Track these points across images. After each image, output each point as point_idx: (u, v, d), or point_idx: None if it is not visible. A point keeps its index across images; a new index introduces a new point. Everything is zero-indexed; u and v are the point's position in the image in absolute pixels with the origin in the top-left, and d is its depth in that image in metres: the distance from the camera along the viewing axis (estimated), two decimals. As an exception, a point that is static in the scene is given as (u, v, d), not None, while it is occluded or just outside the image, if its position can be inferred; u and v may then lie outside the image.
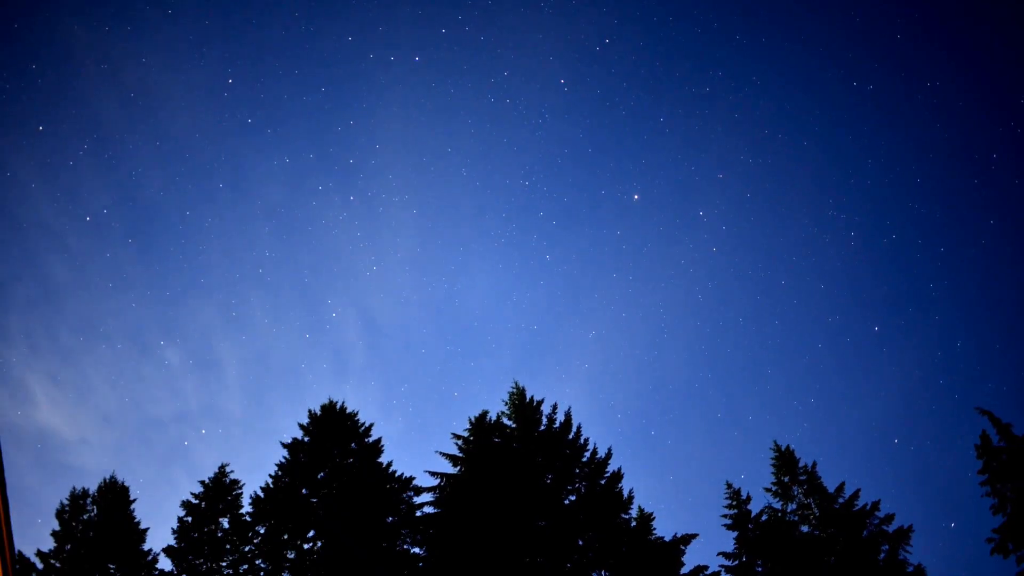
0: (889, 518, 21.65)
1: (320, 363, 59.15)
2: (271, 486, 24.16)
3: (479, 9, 49.21)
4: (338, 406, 26.04)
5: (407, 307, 61.53)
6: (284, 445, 25.12)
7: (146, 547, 25.34)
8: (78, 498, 25.87)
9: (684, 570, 20.55)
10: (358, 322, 61.22)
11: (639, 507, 22.71)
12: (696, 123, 54.84)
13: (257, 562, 23.43)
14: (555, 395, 65.28)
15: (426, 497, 23.13)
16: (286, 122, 53.36)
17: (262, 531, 23.82)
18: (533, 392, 24.45)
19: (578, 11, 50.65)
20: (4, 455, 11.32)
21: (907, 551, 21.20)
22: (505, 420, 23.83)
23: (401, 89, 52.81)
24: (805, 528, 22.23)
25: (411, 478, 24.29)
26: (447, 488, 22.33)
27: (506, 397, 24.39)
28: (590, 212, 59.81)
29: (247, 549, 23.83)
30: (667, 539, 20.94)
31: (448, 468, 22.88)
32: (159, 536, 64.91)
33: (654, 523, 22.22)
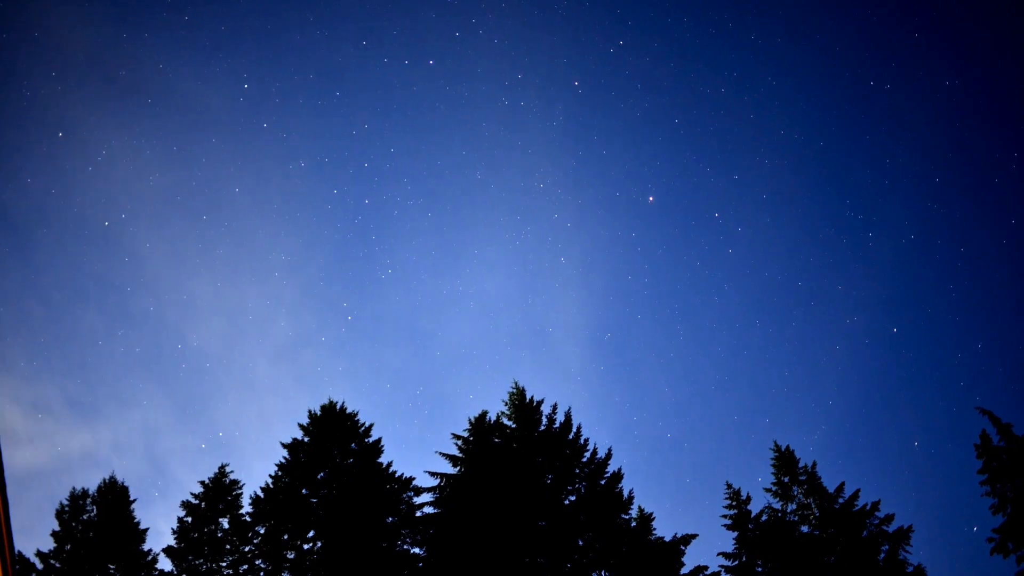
0: (889, 518, 21.62)
1: (336, 366, 59.26)
2: (271, 486, 24.15)
3: (493, 13, 49.26)
4: (338, 406, 26.02)
5: (422, 310, 61.50)
6: (284, 445, 25.11)
7: (146, 547, 25.36)
8: (78, 498, 25.85)
9: (684, 570, 20.56)
10: (373, 325, 61.27)
11: (639, 507, 22.75)
12: (711, 124, 54.72)
13: (257, 562, 23.42)
14: (571, 397, 65.11)
15: (426, 497, 23.15)
16: (301, 126, 53.56)
17: (262, 531, 23.81)
18: (538, 393, 24.39)
19: (592, 13, 50.72)
20: (3, 455, 11.31)
21: (907, 551, 21.19)
22: (505, 420, 23.83)
23: (415, 93, 52.95)
24: (805, 528, 22.23)
25: (411, 478, 24.28)
26: (447, 488, 22.33)
27: (506, 397, 24.40)
28: (605, 214, 59.67)
29: (247, 549, 23.82)
30: (667, 539, 20.95)
31: (448, 468, 22.89)
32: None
33: (655, 523, 22.25)
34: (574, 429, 23.03)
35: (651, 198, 56.52)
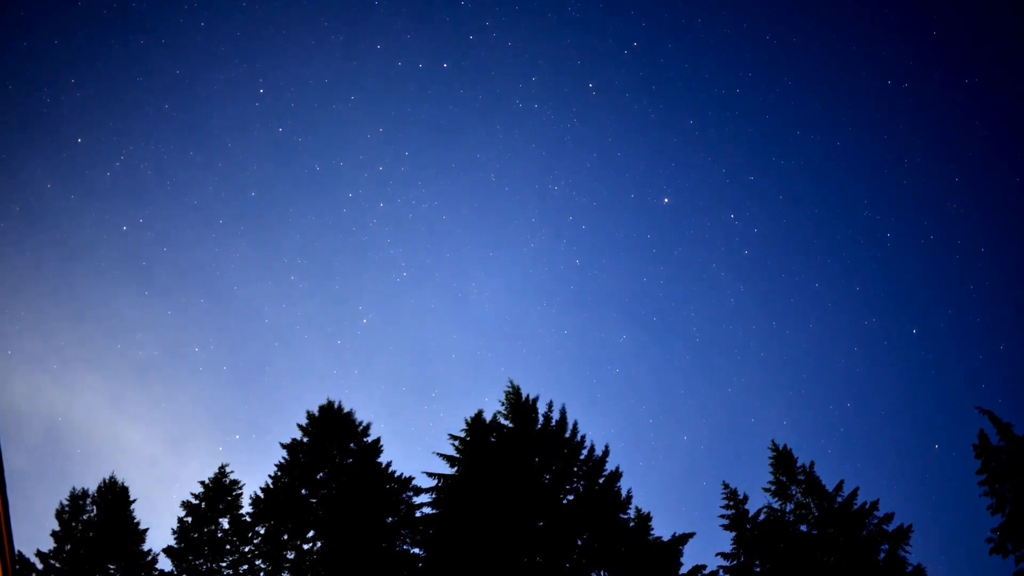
0: (888, 517, 21.58)
1: (352, 368, 59.33)
2: (271, 486, 24.20)
3: (506, 15, 49.41)
4: (336, 406, 26.07)
5: (437, 312, 61.48)
6: (283, 446, 25.17)
7: (146, 547, 25.42)
8: (78, 498, 25.92)
9: (683, 570, 20.56)
10: (388, 328, 61.34)
11: (637, 507, 22.69)
12: (726, 125, 54.50)
13: (257, 562, 23.47)
14: (585, 401, 64.79)
15: (425, 498, 23.18)
16: (316, 130, 53.91)
17: (262, 531, 23.86)
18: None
19: (605, 15, 50.79)
20: (4, 456, 11.37)
21: (907, 551, 21.17)
22: (502, 420, 23.80)
23: (430, 96, 53.14)
24: (804, 528, 22.21)
25: (410, 478, 24.32)
26: (445, 489, 22.35)
27: (502, 396, 24.39)
28: (620, 216, 59.51)
29: (247, 549, 23.87)
30: (666, 539, 20.95)
31: (446, 469, 22.90)
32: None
33: (657, 523, 22.28)
34: (570, 427, 23.01)
35: (666, 200, 56.39)
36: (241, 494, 25.41)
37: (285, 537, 23.26)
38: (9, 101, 44.38)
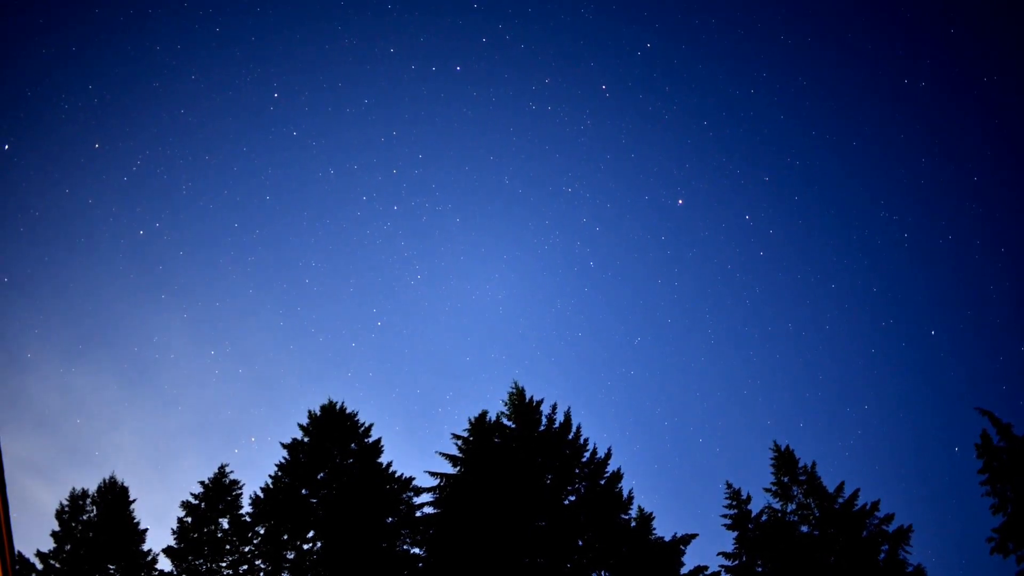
0: (889, 518, 21.61)
1: (366, 371, 59.37)
2: (271, 486, 24.16)
3: (519, 18, 49.57)
4: (338, 406, 26.02)
5: (451, 315, 61.49)
6: (284, 446, 25.12)
7: (146, 547, 25.39)
8: (78, 498, 25.87)
9: (684, 570, 20.56)
10: (403, 330, 61.37)
11: (639, 507, 22.70)
12: (741, 125, 54.23)
13: (257, 562, 23.44)
14: (599, 403, 64.66)
15: (426, 497, 23.16)
16: (330, 134, 54.12)
17: (262, 531, 23.82)
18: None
19: (619, 16, 50.76)
20: (4, 456, 11.32)
21: (907, 551, 21.19)
22: (505, 420, 23.80)
23: (443, 99, 53.20)
24: (805, 528, 22.22)
25: (411, 478, 24.30)
26: (447, 488, 22.33)
27: (506, 397, 24.36)
28: (634, 217, 59.34)
29: (247, 549, 23.83)
30: (667, 539, 20.96)
31: (448, 468, 22.89)
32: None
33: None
34: (573, 429, 23.02)
35: (680, 201, 56.14)
36: (241, 494, 25.38)
37: (285, 537, 23.22)
38: (27, 107, 45.00)
